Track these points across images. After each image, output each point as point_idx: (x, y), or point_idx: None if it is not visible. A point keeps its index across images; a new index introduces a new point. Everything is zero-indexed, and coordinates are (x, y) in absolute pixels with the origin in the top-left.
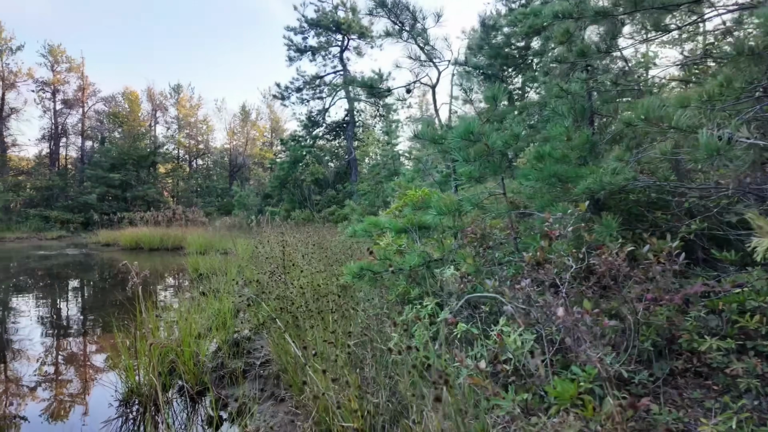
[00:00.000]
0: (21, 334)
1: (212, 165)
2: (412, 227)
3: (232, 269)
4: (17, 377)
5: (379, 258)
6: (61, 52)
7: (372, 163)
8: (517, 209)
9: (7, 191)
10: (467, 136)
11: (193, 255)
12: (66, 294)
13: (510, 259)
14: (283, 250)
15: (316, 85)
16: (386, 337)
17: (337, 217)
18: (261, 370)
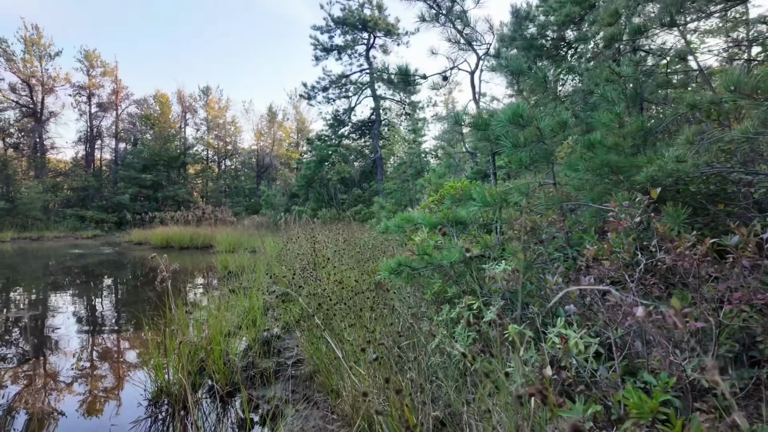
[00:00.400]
0: (56, 329)
1: (240, 166)
2: (448, 222)
3: (260, 267)
4: (51, 373)
5: (418, 253)
6: (96, 56)
7: (398, 162)
8: (568, 201)
9: (46, 192)
10: (516, 120)
11: (222, 253)
12: (100, 290)
13: (559, 254)
14: (314, 246)
15: (342, 84)
16: (425, 337)
17: (363, 215)
18: (293, 370)
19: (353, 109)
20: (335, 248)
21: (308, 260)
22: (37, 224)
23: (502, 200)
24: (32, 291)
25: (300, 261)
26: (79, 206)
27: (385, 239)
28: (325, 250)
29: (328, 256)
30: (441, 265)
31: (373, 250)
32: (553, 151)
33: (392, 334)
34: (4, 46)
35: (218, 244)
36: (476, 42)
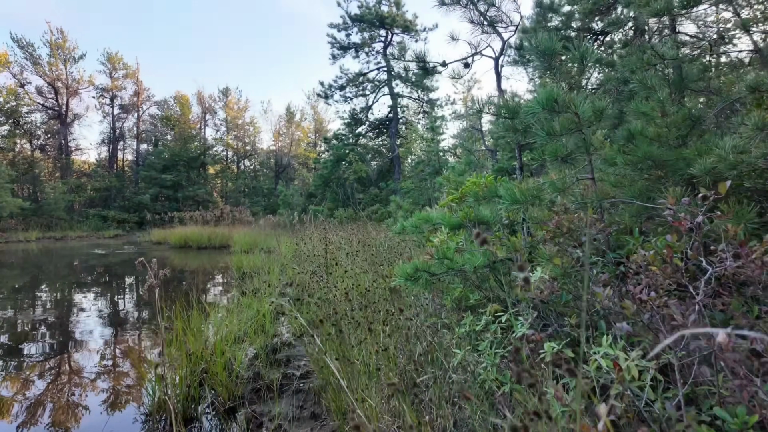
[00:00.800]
0: (62, 332)
1: (259, 166)
2: (470, 222)
3: (274, 268)
4: (46, 381)
5: (437, 257)
6: (118, 59)
7: (415, 161)
8: (608, 198)
9: (70, 192)
10: (550, 104)
11: (238, 254)
12: (117, 291)
13: (597, 258)
14: (326, 248)
15: (359, 83)
16: (445, 350)
17: (380, 215)
18: (301, 383)
19: (370, 107)
20: (348, 250)
21: (320, 263)
22: (61, 224)
23: (534, 197)
24: (51, 291)
25: (311, 264)
26: (101, 206)
27: (402, 240)
28: (338, 252)
29: (339, 260)
30: (463, 270)
31: (389, 251)
32: (591, 141)
33: (408, 350)
34: (31, 50)
35: (235, 244)
36: (501, 24)
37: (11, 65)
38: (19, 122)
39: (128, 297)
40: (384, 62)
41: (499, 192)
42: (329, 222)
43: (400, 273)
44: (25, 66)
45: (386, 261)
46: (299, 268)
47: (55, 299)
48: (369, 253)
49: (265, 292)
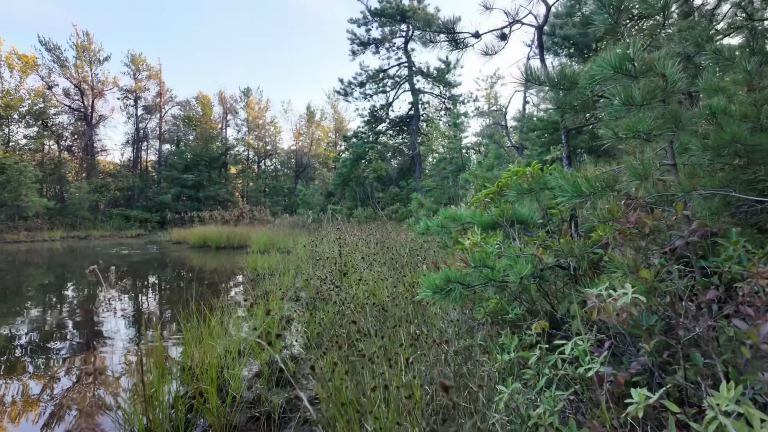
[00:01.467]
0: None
1: (279, 166)
2: (506, 220)
3: (289, 270)
4: (29, 397)
5: (473, 264)
6: (142, 60)
7: (437, 158)
8: (694, 190)
9: (94, 192)
10: (625, 66)
11: (255, 254)
12: (136, 291)
13: (679, 266)
14: (339, 251)
15: (379, 79)
16: (479, 380)
17: (400, 214)
18: (308, 413)
19: (391, 104)
20: (365, 252)
21: (333, 268)
22: (85, 224)
23: (606, 187)
24: (72, 291)
25: (324, 268)
26: (124, 206)
27: (425, 241)
28: (355, 253)
29: (355, 263)
30: (506, 281)
31: (411, 254)
32: (680, 114)
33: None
34: (58, 52)
35: (253, 244)
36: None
37: (39, 68)
38: (47, 124)
39: (131, 302)
40: (405, 57)
41: (550, 183)
42: (348, 221)
43: (427, 284)
44: (53, 68)
45: (408, 265)
46: (312, 272)
47: (64, 300)
48: (388, 255)
49: (278, 295)
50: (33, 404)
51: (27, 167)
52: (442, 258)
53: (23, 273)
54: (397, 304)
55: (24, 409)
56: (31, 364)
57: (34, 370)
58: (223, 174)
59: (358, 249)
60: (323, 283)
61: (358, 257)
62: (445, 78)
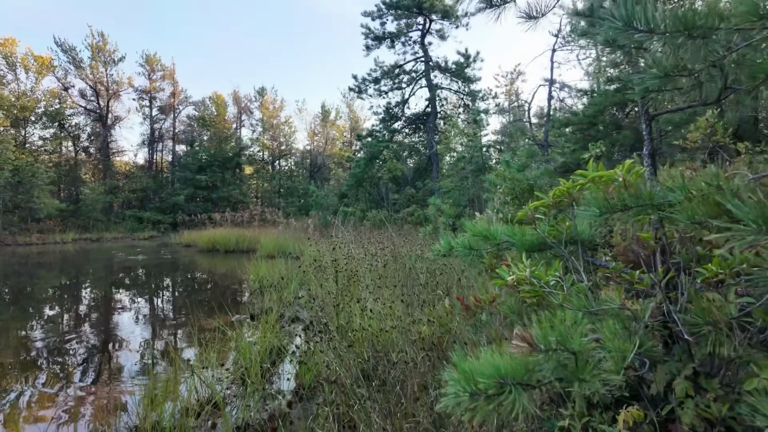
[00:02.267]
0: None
1: (294, 166)
2: (558, 242)
3: (293, 282)
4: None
5: (544, 346)
6: (156, 60)
7: (456, 157)
8: None
9: (107, 194)
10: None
11: (262, 259)
12: (132, 303)
13: None
14: (336, 277)
15: (394, 75)
16: None
17: (416, 217)
18: None
19: (406, 101)
20: (374, 269)
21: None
22: (98, 225)
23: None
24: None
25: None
26: (137, 208)
27: (445, 262)
28: (363, 269)
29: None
30: (600, 374)
31: (429, 274)
32: None
33: None
34: (73, 53)
35: (261, 249)
36: None
37: (56, 69)
38: (63, 125)
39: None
40: (421, 52)
41: (656, 197)
42: (361, 224)
43: (460, 383)
44: (69, 69)
45: (425, 292)
46: (315, 290)
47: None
48: (401, 274)
49: (273, 317)
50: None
51: (39, 168)
52: (473, 291)
53: (34, 275)
54: (407, 352)
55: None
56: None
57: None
58: (237, 175)
59: (367, 262)
60: (319, 313)
61: (365, 276)
62: (464, 72)
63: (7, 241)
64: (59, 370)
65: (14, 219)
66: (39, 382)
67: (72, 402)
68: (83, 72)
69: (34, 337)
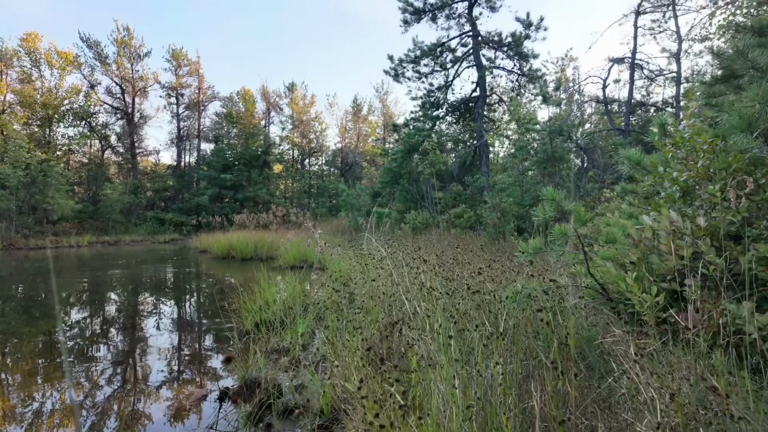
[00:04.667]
0: None
1: (325, 165)
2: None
3: (304, 321)
4: None
5: None
6: (183, 55)
7: (515, 146)
8: None
9: (129, 194)
10: None
11: (275, 272)
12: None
13: None
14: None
15: (436, 55)
16: None
17: (465, 220)
18: None
19: (451, 84)
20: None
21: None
22: (117, 227)
23: None
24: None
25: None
26: (160, 209)
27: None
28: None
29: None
30: None
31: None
32: None
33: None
34: (98, 49)
35: (281, 257)
36: None
37: (82, 66)
38: (91, 124)
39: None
40: (468, 26)
41: None
42: (399, 228)
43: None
44: (94, 66)
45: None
46: (332, 337)
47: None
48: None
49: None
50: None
51: (54, 167)
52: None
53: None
54: None
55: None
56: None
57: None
58: (264, 173)
59: (423, 299)
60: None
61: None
62: (522, 47)
63: (18, 244)
64: None
65: (29, 221)
66: None
67: None
68: (109, 68)
69: None
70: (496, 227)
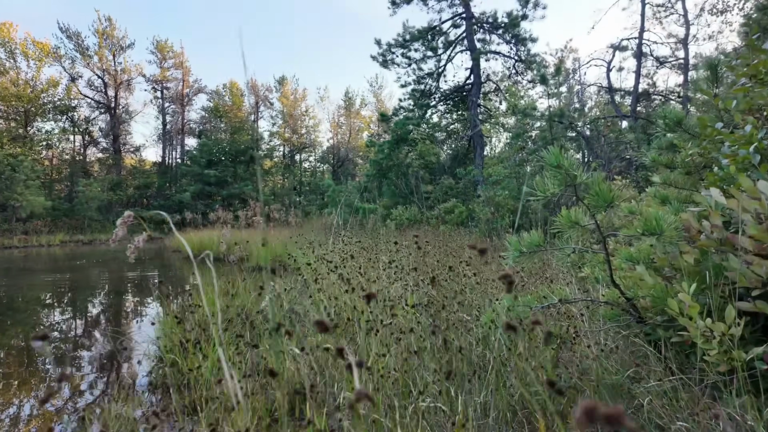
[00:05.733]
0: None
1: (315, 161)
2: None
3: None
4: None
5: None
6: (168, 47)
7: (513, 132)
8: None
9: (108, 191)
10: None
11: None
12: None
13: None
14: None
15: (428, 40)
16: None
17: (458, 216)
18: None
19: (443, 70)
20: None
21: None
22: (94, 225)
23: None
24: None
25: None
26: (141, 206)
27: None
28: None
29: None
30: None
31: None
32: None
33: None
34: (79, 40)
35: (252, 258)
36: None
37: (62, 58)
38: (72, 118)
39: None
40: (462, 7)
41: None
42: (384, 225)
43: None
44: (75, 58)
45: None
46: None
47: None
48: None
49: None
50: None
51: (23, 162)
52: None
53: None
54: None
55: None
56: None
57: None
58: (251, 169)
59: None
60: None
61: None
62: (518, 28)
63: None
64: None
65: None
66: None
67: None
68: (90, 60)
69: None
70: (489, 223)
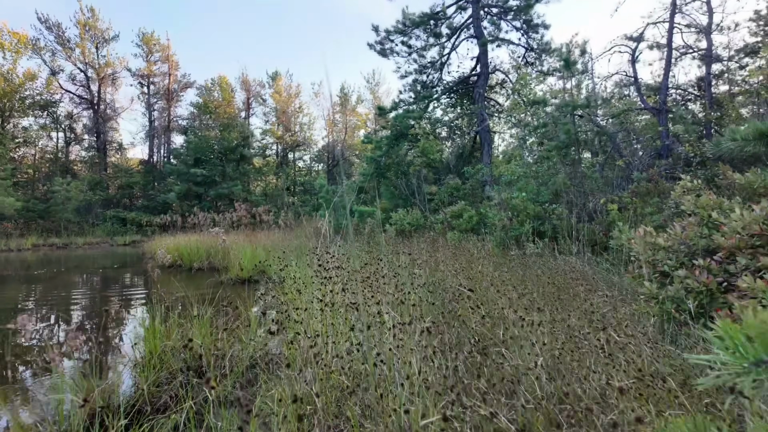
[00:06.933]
0: None
1: (310, 160)
2: None
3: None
4: None
5: None
6: (155, 40)
7: (530, 126)
8: None
9: (87, 191)
10: None
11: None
12: None
13: None
14: None
15: (430, 27)
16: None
17: (465, 221)
18: None
19: (447, 59)
20: None
21: None
22: (71, 228)
23: None
24: None
25: None
26: (124, 207)
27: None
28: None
29: None
30: None
31: None
32: None
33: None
34: (59, 31)
35: (231, 269)
36: None
37: (42, 50)
38: (54, 115)
39: None
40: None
41: None
42: (383, 231)
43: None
44: (56, 50)
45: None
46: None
47: None
48: None
49: None
50: None
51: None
52: None
53: None
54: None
55: None
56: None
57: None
58: (241, 168)
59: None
60: None
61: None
62: (531, 11)
63: None
64: None
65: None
66: None
67: None
68: (71, 53)
69: None
70: (506, 230)
